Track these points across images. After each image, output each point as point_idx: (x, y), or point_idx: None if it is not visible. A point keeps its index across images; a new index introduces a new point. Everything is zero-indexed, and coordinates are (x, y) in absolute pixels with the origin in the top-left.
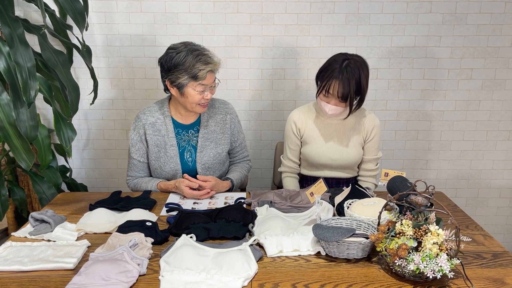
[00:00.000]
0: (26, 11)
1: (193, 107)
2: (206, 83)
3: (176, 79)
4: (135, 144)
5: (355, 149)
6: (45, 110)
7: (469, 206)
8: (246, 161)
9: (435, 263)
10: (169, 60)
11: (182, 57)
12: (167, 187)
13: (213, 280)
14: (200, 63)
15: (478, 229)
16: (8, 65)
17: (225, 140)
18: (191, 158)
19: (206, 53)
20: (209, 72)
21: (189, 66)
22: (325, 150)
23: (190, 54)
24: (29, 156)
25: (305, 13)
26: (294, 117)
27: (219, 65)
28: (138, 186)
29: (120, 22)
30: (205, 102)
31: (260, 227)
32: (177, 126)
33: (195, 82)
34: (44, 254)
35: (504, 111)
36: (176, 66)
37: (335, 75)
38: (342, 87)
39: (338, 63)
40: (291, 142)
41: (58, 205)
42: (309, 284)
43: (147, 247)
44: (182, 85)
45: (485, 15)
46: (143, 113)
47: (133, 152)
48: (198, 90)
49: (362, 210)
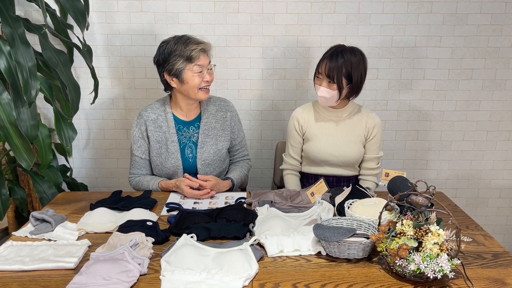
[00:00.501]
0: (27, 11)
1: (195, 92)
2: (201, 63)
3: (172, 67)
4: (137, 141)
5: (356, 146)
6: (46, 109)
7: (469, 206)
8: (246, 160)
9: (435, 263)
10: (162, 53)
11: (172, 44)
12: (168, 186)
13: (214, 280)
14: (191, 44)
15: (479, 229)
16: (9, 64)
17: (225, 137)
18: (191, 154)
19: (194, 37)
20: (201, 52)
21: (181, 50)
22: (327, 147)
23: (179, 40)
24: (29, 156)
25: (305, 13)
26: (297, 115)
27: (209, 45)
28: (140, 184)
29: (121, 22)
30: (205, 85)
31: (260, 227)
32: (178, 122)
33: (191, 64)
34: (45, 253)
35: (504, 111)
36: (169, 54)
37: (326, 56)
38: (329, 65)
39: (333, 49)
40: (293, 139)
41: (59, 205)
42: (310, 284)
43: (147, 246)
44: (179, 71)
45: (486, 15)
46: (145, 110)
47: (135, 149)
48: (195, 71)
49: (363, 210)
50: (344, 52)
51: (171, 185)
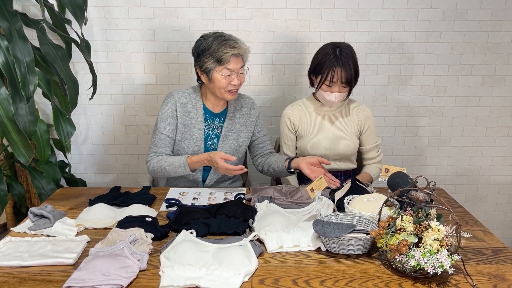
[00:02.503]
0: (24, 5)
1: (221, 93)
2: (231, 67)
3: (203, 64)
4: (166, 119)
5: (350, 138)
6: (44, 105)
7: (468, 202)
8: (273, 152)
9: (435, 259)
10: (198, 47)
11: (209, 42)
12: (199, 159)
13: (214, 275)
14: (225, 47)
15: (478, 225)
16: (7, 59)
17: (247, 134)
18: (213, 146)
19: (232, 39)
20: (233, 56)
21: (214, 50)
22: (320, 141)
23: (217, 39)
24: (28, 151)
25: (305, 8)
26: (288, 113)
27: (245, 50)
28: (161, 162)
29: (119, 17)
30: (233, 88)
31: (260, 222)
32: (206, 112)
33: (221, 66)
34: (43, 249)
35: (503, 107)
36: (203, 51)
37: (334, 64)
38: (345, 72)
39: (331, 52)
40: (286, 137)
41: (57, 200)
42: (310, 279)
43: (147, 242)
44: (209, 70)
45: (486, 11)
46: (177, 92)
47: (162, 127)
48: (223, 74)
49: (363, 206)
50: (347, 54)
51: (202, 158)
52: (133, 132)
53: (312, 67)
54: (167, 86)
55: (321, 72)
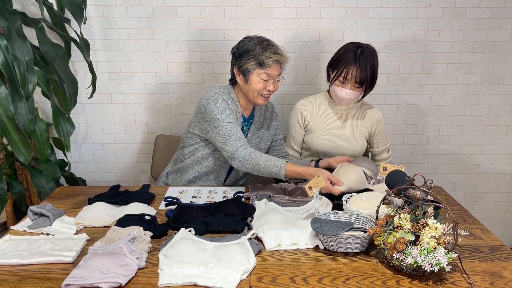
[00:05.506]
0: (24, 5)
1: (254, 96)
2: (271, 72)
3: (243, 64)
4: (225, 110)
5: (359, 140)
6: (43, 104)
7: (467, 201)
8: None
9: (432, 256)
10: (241, 47)
11: (253, 44)
12: (304, 172)
13: (212, 273)
14: (269, 52)
15: (476, 223)
16: (6, 58)
17: (268, 137)
18: None
19: (276, 45)
20: (275, 62)
21: (257, 53)
22: (330, 139)
23: (261, 43)
24: (27, 150)
25: (304, 7)
26: (300, 107)
27: (287, 59)
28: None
29: (119, 16)
30: (267, 93)
31: (258, 221)
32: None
33: (261, 70)
34: (43, 247)
35: (502, 105)
36: (246, 52)
37: (351, 62)
38: (360, 72)
39: (352, 50)
40: (295, 131)
41: (57, 199)
42: (307, 277)
43: (146, 240)
44: (248, 71)
45: (485, 9)
46: (217, 93)
47: (226, 118)
48: (262, 78)
49: (361, 204)
50: (367, 56)
51: (307, 172)
52: (132, 131)
53: (331, 61)
54: (167, 85)
55: (338, 67)
